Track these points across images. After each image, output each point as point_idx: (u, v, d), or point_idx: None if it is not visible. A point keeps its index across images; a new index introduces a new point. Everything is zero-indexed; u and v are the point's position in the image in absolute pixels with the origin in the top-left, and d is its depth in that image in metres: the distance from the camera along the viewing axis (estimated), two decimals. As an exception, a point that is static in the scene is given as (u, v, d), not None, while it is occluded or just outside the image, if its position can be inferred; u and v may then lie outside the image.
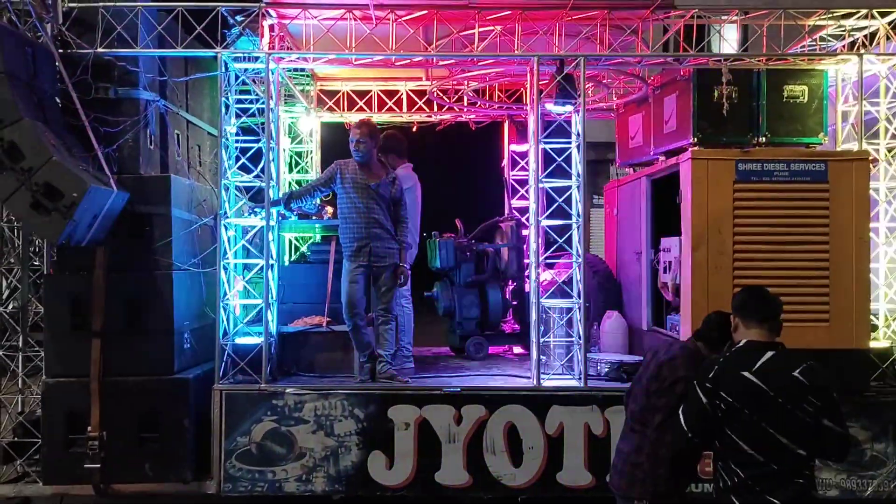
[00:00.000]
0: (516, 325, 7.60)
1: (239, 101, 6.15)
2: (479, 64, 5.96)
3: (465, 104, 7.90)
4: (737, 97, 5.75)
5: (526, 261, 7.22)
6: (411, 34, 5.61)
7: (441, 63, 6.00)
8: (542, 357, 5.63)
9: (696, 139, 5.78)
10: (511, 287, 7.64)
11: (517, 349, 7.56)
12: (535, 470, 5.41)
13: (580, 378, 5.57)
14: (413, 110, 8.16)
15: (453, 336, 7.41)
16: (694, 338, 3.72)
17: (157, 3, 5.49)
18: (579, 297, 5.62)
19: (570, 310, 5.74)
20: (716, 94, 5.76)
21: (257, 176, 5.66)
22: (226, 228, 5.61)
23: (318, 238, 7.53)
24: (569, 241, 5.64)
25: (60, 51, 5.30)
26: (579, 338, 5.60)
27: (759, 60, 5.78)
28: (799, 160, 5.42)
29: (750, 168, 5.40)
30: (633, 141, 7.22)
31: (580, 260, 5.58)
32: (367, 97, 8.18)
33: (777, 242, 5.35)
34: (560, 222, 5.71)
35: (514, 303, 7.57)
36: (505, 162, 8.27)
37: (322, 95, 8.15)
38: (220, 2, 5.45)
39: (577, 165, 5.59)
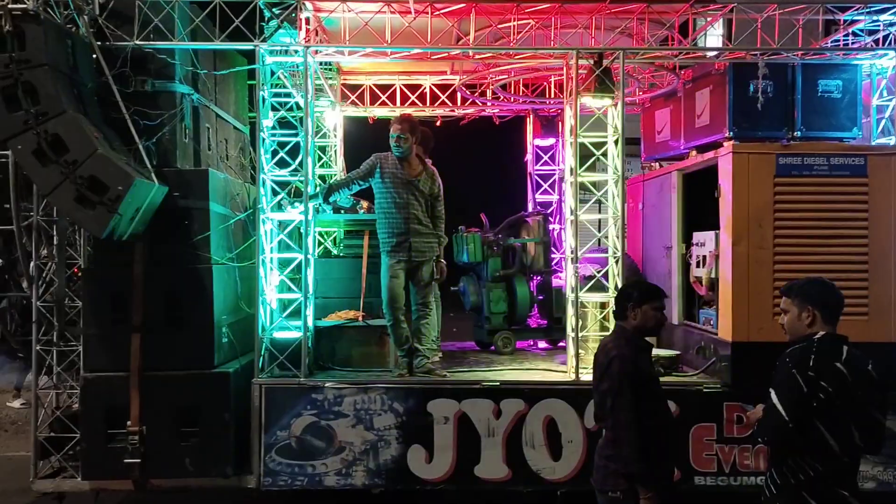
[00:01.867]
0: (542, 320, 7.59)
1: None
2: (516, 58, 5.94)
3: (490, 98, 7.88)
4: (772, 92, 5.77)
5: (553, 255, 7.23)
6: (449, 27, 5.59)
7: (478, 57, 5.97)
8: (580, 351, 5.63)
9: (731, 133, 5.79)
10: (536, 282, 7.63)
11: (542, 343, 7.56)
12: (574, 463, 5.42)
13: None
14: (436, 104, 8.14)
15: (480, 331, 7.40)
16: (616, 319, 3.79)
17: (196, -4, 5.45)
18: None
19: (606, 304, 5.75)
20: (751, 89, 5.77)
21: (295, 170, 5.63)
22: (264, 223, 5.58)
23: (341, 233, 7.55)
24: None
25: (98, 43, 5.25)
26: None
27: (794, 55, 5.78)
28: (838, 154, 5.43)
29: (790, 162, 5.42)
30: (659, 135, 7.22)
31: (618, 254, 5.58)
32: (390, 91, 8.16)
33: (817, 236, 5.37)
34: (595, 216, 5.72)
35: (541, 297, 7.56)
36: (529, 156, 8.25)
37: (345, 90, 8.12)
38: (257, -6, 5.41)
39: (614, 159, 5.58)
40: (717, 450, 5.40)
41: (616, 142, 5.65)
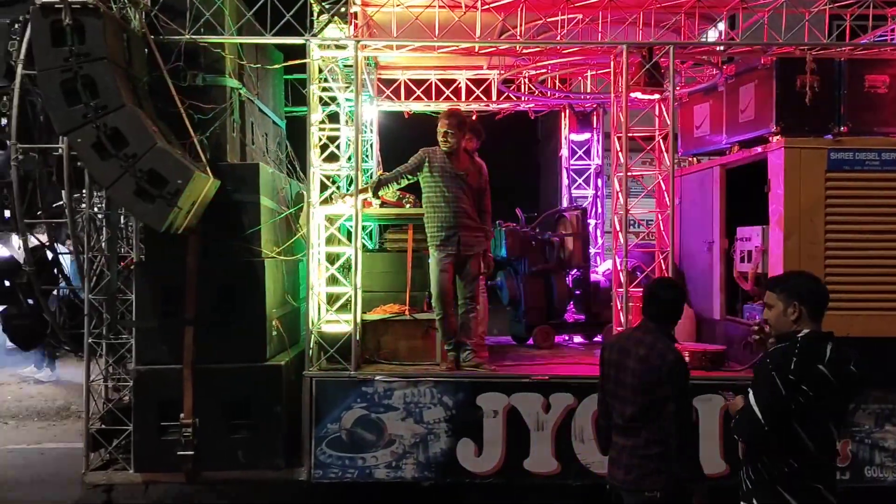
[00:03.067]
0: (579, 315, 7.60)
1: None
2: (563, 52, 5.94)
3: (526, 93, 7.88)
4: (818, 86, 5.77)
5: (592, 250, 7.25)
6: (498, 21, 5.59)
7: (525, 51, 5.97)
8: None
9: (778, 128, 5.79)
10: (572, 276, 7.64)
11: (577, 338, 7.58)
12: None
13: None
14: (471, 99, 8.14)
15: (518, 325, 7.43)
16: (652, 320, 3.65)
17: (247, -10, 5.46)
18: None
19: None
20: (798, 84, 5.77)
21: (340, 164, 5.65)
22: (314, 217, 5.60)
23: (374, 227, 7.56)
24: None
25: (151, 37, 5.27)
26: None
27: (841, 50, 5.78)
28: (890, 149, 5.43)
29: (841, 157, 5.42)
30: (698, 130, 7.21)
31: (670, 248, 5.59)
32: (425, 86, 8.16)
33: (868, 231, 5.38)
34: (642, 212, 5.73)
35: (578, 292, 7.58)
36: (563, 151, 8.25)
37: (380, 84, 8.12)
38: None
39: (666, 154, 5.59)
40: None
41: (665, 136, 5.64)
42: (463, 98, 8.07)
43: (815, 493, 3.07)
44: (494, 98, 8.13)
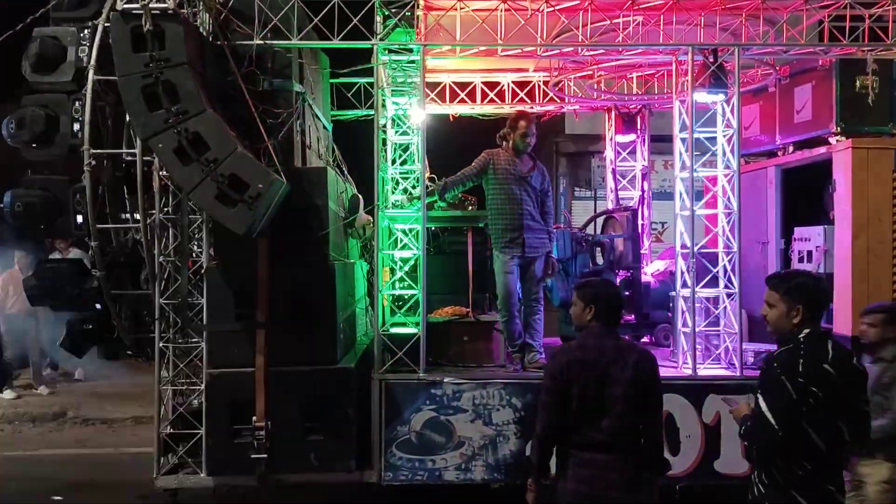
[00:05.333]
0: (629, 316, 7.61)
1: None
2: (624, 53, 5.96)
3: (570, 94, 7.91)
4: (877, 87, 5.81)
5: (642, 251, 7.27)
6: (562, 22, 5.63)
7: (588, 53, 6.00)
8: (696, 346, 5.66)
9: (839, 129, 5.82)
10: (622, 277, 7.65)
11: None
12: (692, 458, 5.45)
13: (732, 366, 5.61)
14: (515, 101, 8.16)
15: (568, 326, 7.41)
16: (610, 324, 3.56)
17: (314, -5, 5.47)
18: (732, 286, 5.65)
19: (715, 298, 5.78)
20: (857, 84, 5.81)
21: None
22: (381, 220, 5.63)
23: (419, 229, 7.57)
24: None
25: (225, 42, 5.29)
26: (732, 327, 5.64)
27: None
28: (955, 149, 5.46)
29: (909, 157, 5.46)
30: (746, 131, 7.24)
31: (735, 249, 5.61)
32: (469, 89, 8.18)
33: (936, 231, 5.41)
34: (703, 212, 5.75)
35: (627, 293, 7.58)
36: (608, 153, 8.28)
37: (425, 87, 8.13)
38: (375, -7, 5.45)
39: (730, 155, 5.61)
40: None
41: (728, 138, 5.67)
42: (508, 100, 8.09)
43: (829, 495, 3.08)
44: (539, 100, 8.15)
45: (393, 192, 6.64)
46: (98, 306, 5.59)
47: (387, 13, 5.53)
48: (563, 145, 13.94)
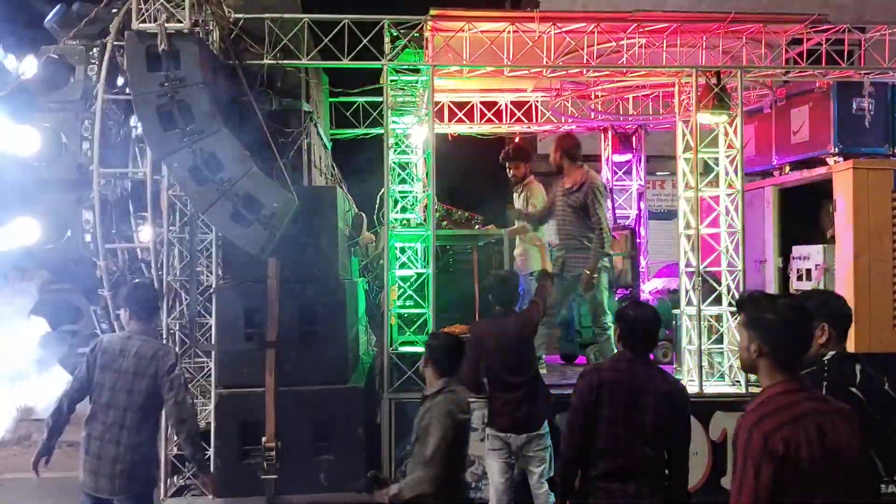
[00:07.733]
0: (628, 333, 7.66)
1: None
2: (628, 75, 6.06)
3: (567, 114, 8.00)
4: (873, 109, 5.97)
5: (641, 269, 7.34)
6: (569, 44, 5.71)
7: (593, 74, 6.09)
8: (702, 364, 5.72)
9: (836, 149, 5.96)
10: (620, 295, 7.72)
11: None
12: (700, 475, 5.49)
13: (737, 383, 5.68)
14: (513, 121, 8.24)
15: (569, 344, 7.46)
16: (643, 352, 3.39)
17: (324, 17, 5.49)
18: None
19: (719, 316, 5.86)
20: (854, 106, 5.96)
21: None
22: (391, 239, 5.65)
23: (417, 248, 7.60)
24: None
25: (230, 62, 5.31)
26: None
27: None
28: (952, 170, 5.61)
29: (907, 178, 5.59)
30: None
31: (739, 268, 5.70)
32: (466, 108, 8.24)
33: (934, 249, 5.54)
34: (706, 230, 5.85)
35: (626, 311, 7.64)
36: (605, 171, 8.37)
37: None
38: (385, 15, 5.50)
39: (733, 175, 5.72)
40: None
41: (731, 159, 5.78)
42: (505, 120, 8.17)
43: None
44: (536, 120, 8.24)
45: (391, 211, 6.66)
46: (104, 326, 5.54)
47: (395, 34, 5.57)
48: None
